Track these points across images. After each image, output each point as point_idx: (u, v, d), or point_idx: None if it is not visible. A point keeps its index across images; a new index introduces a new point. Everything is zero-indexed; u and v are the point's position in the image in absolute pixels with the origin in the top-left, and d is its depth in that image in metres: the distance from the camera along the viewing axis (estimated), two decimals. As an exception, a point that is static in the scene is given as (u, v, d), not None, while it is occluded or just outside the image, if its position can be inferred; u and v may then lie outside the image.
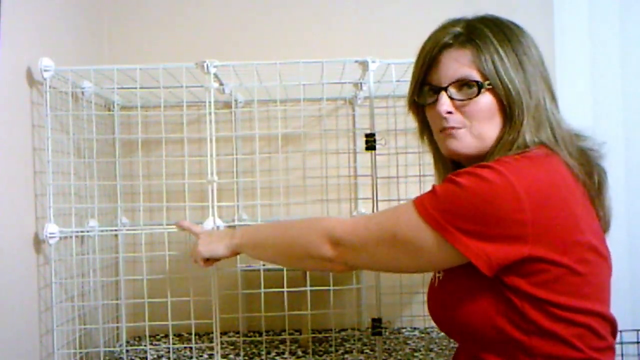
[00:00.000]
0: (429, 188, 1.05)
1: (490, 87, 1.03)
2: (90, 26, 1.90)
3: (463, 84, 1.05)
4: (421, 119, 1.18)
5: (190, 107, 1.90)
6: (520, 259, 0.94)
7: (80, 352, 1.58)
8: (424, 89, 1.12)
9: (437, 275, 1.10)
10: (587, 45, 1.96)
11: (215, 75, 1.56)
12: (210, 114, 1.52)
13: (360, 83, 1.76)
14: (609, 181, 1.10)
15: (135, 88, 1.61)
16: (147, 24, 2.01)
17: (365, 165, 1.70)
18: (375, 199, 1.57)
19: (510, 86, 1.03)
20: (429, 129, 1.16)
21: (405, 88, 1.81)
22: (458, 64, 1.05)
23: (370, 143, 1.55)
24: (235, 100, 1.95)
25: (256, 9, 2.03)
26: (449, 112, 1.06)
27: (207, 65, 1.51)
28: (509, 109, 1.03)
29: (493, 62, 1.03)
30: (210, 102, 1.52)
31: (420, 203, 1.01)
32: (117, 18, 2.01)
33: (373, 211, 1.57)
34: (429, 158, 1.76)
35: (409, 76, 1.64)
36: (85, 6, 1.86)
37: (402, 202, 1.82)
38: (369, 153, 1.57)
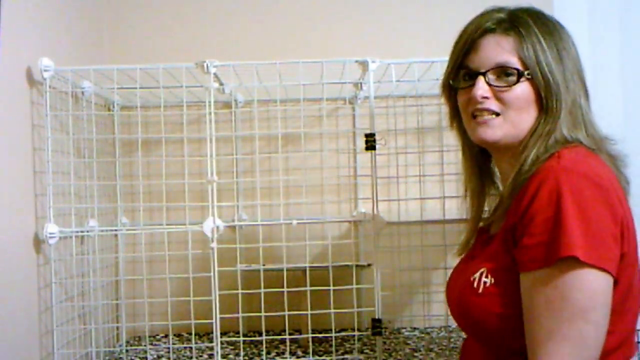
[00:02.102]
0: (429, 188, 1.05)
1: (530, 76, 1.02)
2: (90, 26, 1.90)
3: (502, 70, 1.04)
4: (453, 105, 1.15)
5: (190, 107, 1.90)
6: None
7: (80, 352, 1.58)
8: (460, 73, 1.09)
9: (485, 280, 1.00)
10: (587, 45, 1.96)
11: (215, 75, 1.56)
12: (210, 114, 1.52)
13: (360, 83, 1.76)
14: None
15: (135, 88, 1.61)
16: (147, 24, 2.01)
17: (365, 165, 1.70)
18: (375, 199, 1.57)
19: (550, 77, 1.01)
20: (459, 116, 1.13)
21: (405, 88, 1.83)
22: (499, 50, 1.03)
23: (370, 143, 1.55)
24: (235, 100, 1.95)
25: (256, 9, 2.03)
26: (485, 97, 1.04)
27: (207, 65, 1.51)
28: (546, 101, 1.02)
29: (535, 52, 1.02)
30: (210, 102, 1.52)
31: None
32: (117, 18, 2.01)
33: (373, 211, 1.57)
34: (429, 158, 1.77)
35: (409, 76, 1.66)
36: (85, 6, 1.86)
37: (402, 202, 1.83)
38: (369, 153, 1.57)
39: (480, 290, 1.00)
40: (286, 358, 1.64)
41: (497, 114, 1.04)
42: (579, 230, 0.88)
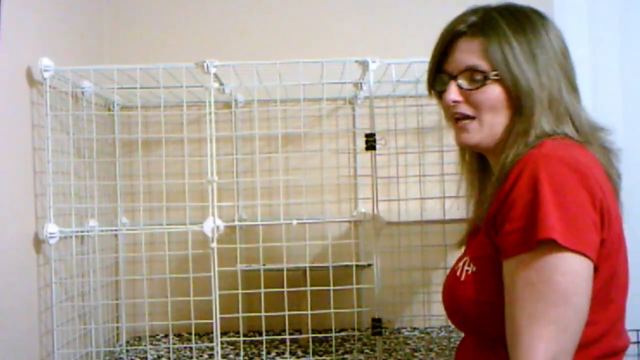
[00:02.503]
0: (429, 188, 1.05)
1: (498, 77, 1.02)
2: (90, 26, 1.90)
3: (471, 74, 1.04)
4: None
5: (190, 107, 1.90)
6: None
7: (80, 352, 1.58)
8: (438, 77, 1.11)
9: (467, 268, 1.02)
10: (587, 45, 1.96)
11: (215, 75, 1.56)
12: (210, 114, 1.52)
13: (360, 83, 1.76)
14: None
15: (135, 88, 1.61)
16: (147, 24, 2.01)
17: (365, 165, 1.70)
18: (375, 199, 1.57)
19: (519, 76, 1.01)
20: None
21: (405, 88, 1.83)
22: (468, 54, 1.05)
23: (370, 143, 1.55)
24: (235, 100, 1.95)
25: (256, 9, 2.03)
26: (455, 101, 1.06)
27: (207, 65, 1.51)
28: (517, 100, 1.02)
29: (502, 52, 1.02)
30: (210, 102, 1.52)
31: None
32: (117, 18, 2.01)
33: (373, 211, 1.58)
34: (429, 158, 1.77)
35: (409, 76, 1.66)
36: (85, 6, 1.86)
37: (402, 202, 1.83)
38: (369, 153, 1.57)
39: (462, 278, 1.02)
40: (286, 358, 1.64)
41: (473, 118, 1.05)
42: (557, 214, 0.88)
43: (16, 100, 1.42)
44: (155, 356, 1.71)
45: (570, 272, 0.88)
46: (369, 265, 1.76)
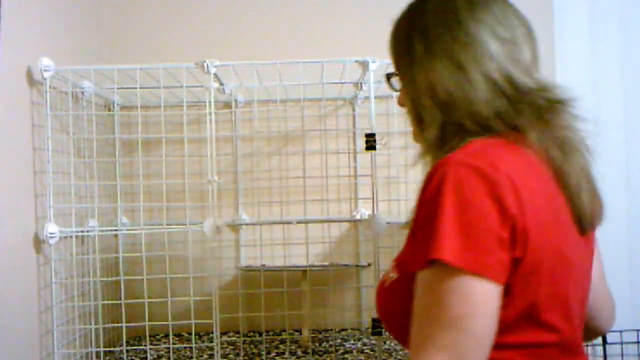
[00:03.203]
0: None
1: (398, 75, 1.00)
2: (90, 26, 1.90)
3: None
4: None
5: (190, 107, 1.90)
6: None
7: (80, 352, 1.58)
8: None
9: (391, 275, 0.94)
10: (587, 45, 1.96)
11: (215, 75, 1.56)
12: (210, 114, 1.52)
13: (360, 83, 1.76)
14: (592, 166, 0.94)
15: (135, 88, 1.61)
16: (147, 24, 2.01)
17: (365, 165, 1.70)
18: (375, 199, 1.57)
19: (402, 79, 0.98)
20: None
21: (405, 88, 1.83)
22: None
23: (370, 143, 1.55)
24: (235, 100, 1.95)
25: (256, 9, 2.03)
26: (401, 104, 1.03)
27: (207, 65, 1.51)
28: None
29: (392, 53, 1.00)
30: (210, 102, 1.52)
31: None
32: (117, 18, 2.01)
33: (373, 211, 1.58)
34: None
35: (409, 76, 1.66)
36: (85, 6, 1.86)
37: (402, 202, 1.83)
38: (369, 153, 1.57)
39: (386, 284, 0.94)
40: (286, 358, 1.64)
41: None
42: (454, 231, 0.78)
43: (16, 100, 1.42)
44: (155, 356, 1.71)
45: (466, 295, 0.77)
46: (369, 265, 1.76)
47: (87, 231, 1.63)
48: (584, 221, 0.89)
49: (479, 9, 0.92)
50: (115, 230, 1.77)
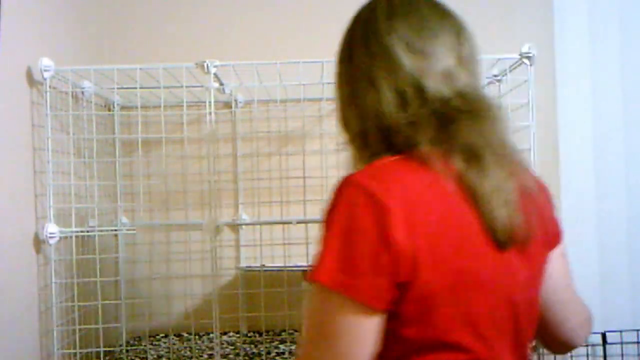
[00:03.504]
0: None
1: None
2: (90, 26, 1.90)
3: None
4: None
5: (190, 107, 1.90)
6: None
7: (80, 352, 1.58)
8: None
9: None
10: (587, 45, 1.96)
11: (215, 75, 1.56)
12: (210, 114, 1.52)
13: (360, 83, 1.76)
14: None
15: (135, 88, 1.61)
16: (147, 24, 2.01)
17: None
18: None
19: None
20: None
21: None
22: None
23: (370, 143, 1.55)
24: (235, 100, 1.95)
25: (256, 9, 2.03)
26: None
27: (207, 65, 1.51)
28: None
29: None
30: (210, 102, 1.52)
31: None
32: (116, 18, 2.01)
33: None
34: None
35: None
36: (85, 6, 1.86)
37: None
38: (369, 153, 1.56)
39: None
40: (286, 358, 1.64)
41: None
42: (335, 252, 0.79)
43: (16, 100, 1.43)
44: (155, 356, 1.71)
45: (335, 316, 0.79)
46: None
47: (87, 231, 1.63)
48: (500, 236, 0.83)
49: (395, 18, 0.91)
50: (115, 230, 1.77)
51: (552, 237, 0.95)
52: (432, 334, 0.82)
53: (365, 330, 0.80)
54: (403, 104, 0.87)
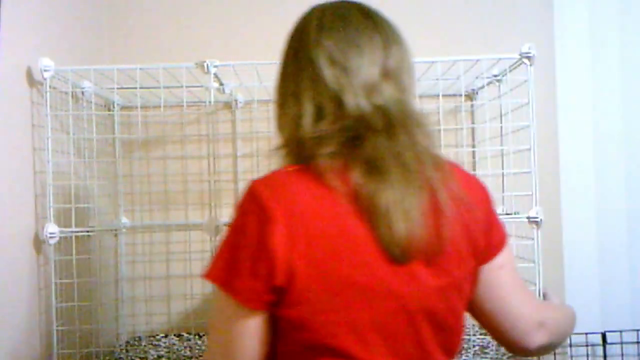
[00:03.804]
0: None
1: None
2: (90, 26, 1.90)
3: None
4: None
5: (190, 107, 1.90)
6: None
7: (80, 352, 1.58)
8: None
9: None
10: (587, 45, 1.96)
11: (215, 75, 1.56)
12: (210, 114, 1.52)
13: (360, 83, 1.76)
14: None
15: (135, 88, 1.61)
16: (147, 24, 2.01)
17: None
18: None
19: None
20: None
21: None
22: None
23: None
24: (235, 100, 1.95)
25: (256, 9, 2.03)
26: None
27: (207, 65, 1.51)
28: None
29: None
30: (210, 102, 1.52)
31: None
32: (117, 18, 2.01)
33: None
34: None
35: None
36: (85, 6, 1.86)
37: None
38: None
39: None
40: (286, 358, 1.64)
41: None
42: (225, 252, 0.87)
43: (16, 100, 1.42)
44: (155, 356, 1.71)
45: (220, 310, 0.88)
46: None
47: (87, 231, 1.63)
48: (395, 249, 0.84)
49: (323, 32, 0.93)
50: (115, 230, 1.77)
51: (486, 248, 0.95)
52: (317, 338, 0.85)
53: (245, 328, 0.86)
54: (319, 117, 0.88)
